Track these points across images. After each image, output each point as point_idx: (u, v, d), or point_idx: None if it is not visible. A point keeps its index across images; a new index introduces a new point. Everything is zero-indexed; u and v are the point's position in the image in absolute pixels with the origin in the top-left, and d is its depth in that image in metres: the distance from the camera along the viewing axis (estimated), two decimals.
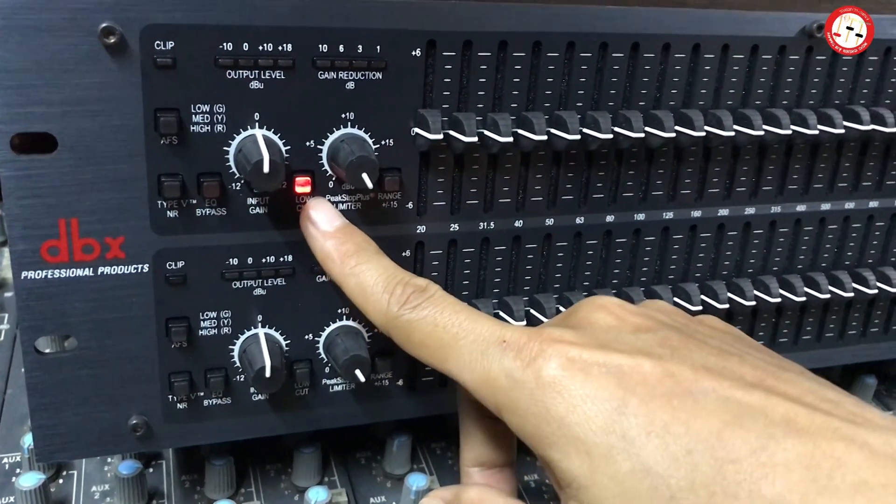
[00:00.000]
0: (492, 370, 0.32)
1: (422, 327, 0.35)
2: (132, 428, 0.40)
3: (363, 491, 0.49)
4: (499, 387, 0.31)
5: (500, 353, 0.32)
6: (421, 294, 0.35)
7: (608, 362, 0.30)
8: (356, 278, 0.37)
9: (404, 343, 0.36)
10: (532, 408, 0.30)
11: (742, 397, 0.28)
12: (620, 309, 0.34)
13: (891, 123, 0.47)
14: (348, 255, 0.38)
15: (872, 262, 0.53)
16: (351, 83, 0.38)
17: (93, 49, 0.34)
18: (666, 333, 0.32)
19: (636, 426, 0.28)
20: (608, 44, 0.41)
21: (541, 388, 0.30)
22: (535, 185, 0.43)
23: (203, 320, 0.40)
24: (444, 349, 0.34)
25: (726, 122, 0.43)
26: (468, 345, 0.33)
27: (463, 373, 0.33)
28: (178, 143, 0.36)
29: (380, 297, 0.36)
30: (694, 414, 0.28)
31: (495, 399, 0.32)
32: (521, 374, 0.31)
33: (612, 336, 0.32)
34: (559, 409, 0.29)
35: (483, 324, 0.34)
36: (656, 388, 0.29)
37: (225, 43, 0.36)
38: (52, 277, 0.37)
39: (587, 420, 0.29)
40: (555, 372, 0.30)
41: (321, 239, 0.38)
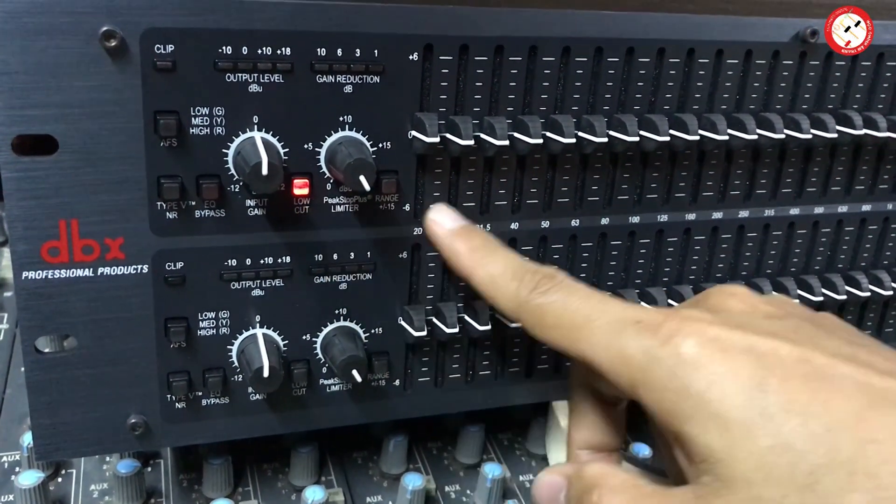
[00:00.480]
0: (628, 349, 0.32)
1: (553, 310, 0.35)
2: (131, 427, 0.41)
3: (360, 490, 0.49)
4: (635, 364, 0.32)
5: (636, 332, 0.32)
6: (550, 279, 0.36)
7: (746, 343, 0.30)
8: (485, 269, 0.39)
9: (536, 326, 0.36)
10: (670, 384, 0.30)
11: (878, 383, 0.28)
12: (751, 297, 0.35)
13: (883, 128, 0.47)
14: (475, 249, 0.40)
15: (865, 265, 0.54)
16: (349, 87, 0.38)
17: (94, 52, 0.34)
18: (797, 322, 0.33)
19: (776, 404, 0.28)
20: (603, 48, 0.42)
21: (680, 365, 0.30)
22: (531, 189, 0.44)
23: (202, 321, 0.40)
24: (577, 330, 0.34)
25: (720, 126, 0.44)
26: (602, 325, 0.33)
27: (597, 352, 0.33)
28: (178, 146, 0.37)
29: (509, 284, 0.37)
30: (832, 395, 0.28)
31: (630, 376, 0.32)
32: (659, 351, 0.31)
33: (747, 320, 0.32)
34: (699, 384, 0.29)
35: (616, 305, 0.34)
36: (794, 370, 0.29)
37: (224, 47, 0.36)
38: (52, 278, 0.37)
39: (727, 396, 0.29)
40: (694, 349, 0.30)
41: (448, 237, 0.41)
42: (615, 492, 0.32)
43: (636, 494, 0.32)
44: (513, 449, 0.54)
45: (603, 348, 0.33)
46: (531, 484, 0.48)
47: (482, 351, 0.46)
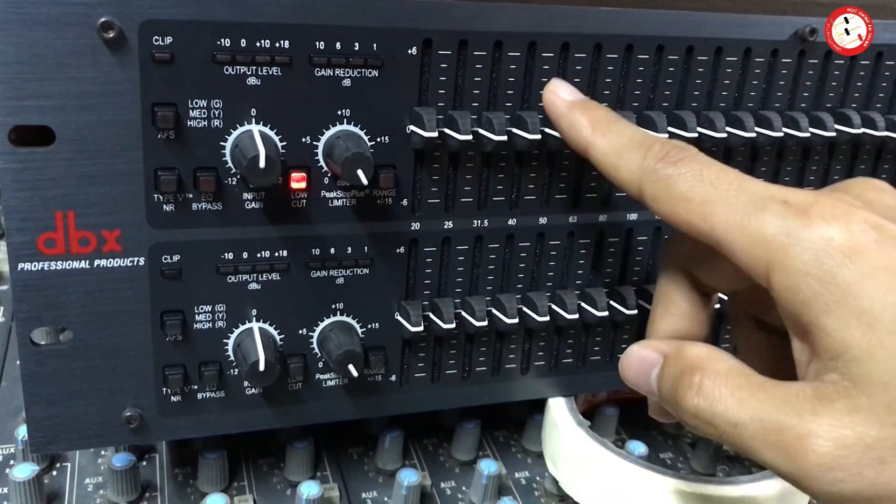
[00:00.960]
0: (768, 228, 0.29)
1: (684, 181, 0.32)
2: (126, 420, 0.41)
3: (355, 486, 0.49)
4: (775, 245, 0.29)
5: (781, 211, 0.29)
6: (682, 150, 0.34)
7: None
8: (607, 139, 0.36)
9: (660, 199, 0.33)
10: (815, 270, 0.28)
11: None
12: (893, 191, 0.32)
13: (881, 127, 0.47)
14: (598, 119, 0.37)
15: None
16: (347, 80, 0.38)
17: (92, 43, 0.34)
18: None
19: None
20: (602, 44, 0.42)
21: (829, 251, 0.28)
22: (528, 184, 0.44)
23: (198, 314, 0.40)
24: (710, 205, 0.31)
25: (719, 123, 0.44)
26: (742, 199, 0.31)
27: (730, 230, 0.31)
28: (175, 138, 0.37)
29: (635, 153, 0.35)
30: None
31: (768, 258, 0.29)
32: (807, 232, 0.28)
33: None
34: (848, 275, 0.27)
35: (758, 183, 0.31)
36: None
37: (223, 39, 0.36)
38: (48, 269, 0.37)
39: (878, 292, 0.27)
40: (846, 237, 0.28)
41: (568, 107, 0.38)
42: (721, 377, 0.30)
43: (745, 383, 0.30)
44: (508, 446, 0.54)
45: (738, 226, 0.30)
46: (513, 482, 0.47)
47: (479, 347, 0.46)
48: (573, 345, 0.49)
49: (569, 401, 0.50)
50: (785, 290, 0.29)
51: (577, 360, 0.49)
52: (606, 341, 0.49)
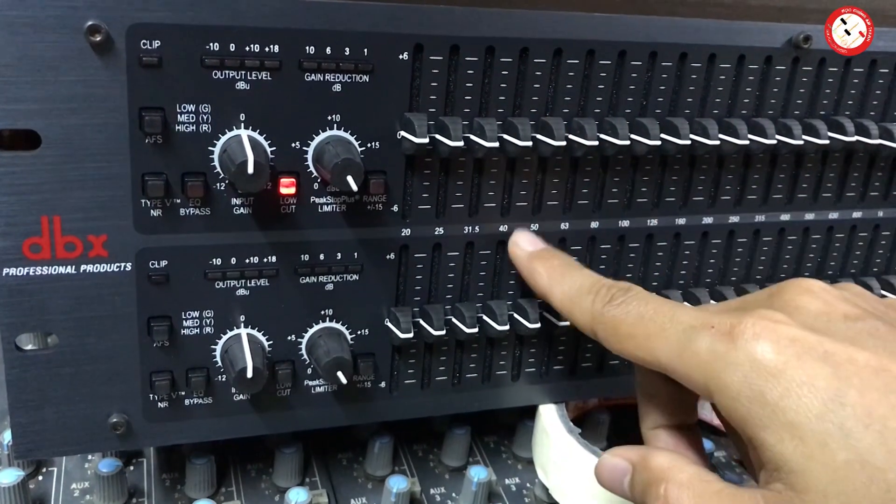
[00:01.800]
0: (701, 355, 0.32)
1: (627, 320, 0.36)
2: (112, 426, 0.40)
3: (344, 492, 0.49)
4: (709, 370, 0.31)
5: (710, 337, 0.32)
6: (625, 292, 0.37)
7: (823, 349, 0.29)
8: (562, 287, 0.40)
9: (611, 337, 0.37)
10: (745, 390, 0.30)
11: None
12: (827, 293, 0.34)
13: (875, 135, 0.47)
14: (554, 268, 0.41)
15: (854, 272, 0.53)
16: (338, 85, 0.38)
17: (79, 47, 0.34)
18: (874, 323, 0.32)
19: (853, 417, 0.28)
20: (595, 51, 0.42)
21: (755, 371, 0.30)
22: (520, 191, 0.43)
23: (185, 320, 0.40)
24: (651, 339, 0.34)
25: (712, 130, 0.43)
26: (676, 332, 0.33)
27: (671, 359, 0.33)
28: (163, 143, 0.36)
29: (585, 298, 0.38)
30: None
31: (705, 382, 0.32)
32: (734, 355, 0.31)
33: (823, 322, 0.32)
34: (774, 392, 0.29)
35: (689, 311, 0.34)
36: (872, 381, 0.28)
37: (211, 43, 0.36)
38: (33, 274, 0.37)
39: (803, 406, 0.28)
40: (770, 355, 0.30)
41: (528, 259, 0.42)
42: (683, 487, 0.32)
43: (704, 491, 0.32)
44: (499, 452, 0.54)
45: (677, 355, 0.33)
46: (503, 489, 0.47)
47: (469, 353, 0.46)
48: (564, 352, 0.48)
49: (559, 407, 0.49)
50: (724, 409, 0.31)
51: (567, 367, 0.49)
52: (597, 348, 0.49)
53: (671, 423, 0.38)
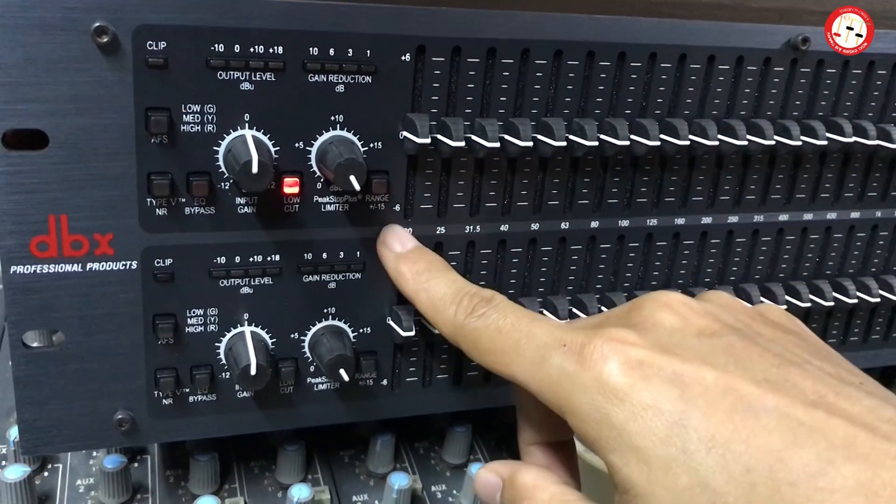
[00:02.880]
0: (552, 374, 0.32)
1: (487, 334, 0.35)
2: (117, 423, 0.41)
3: (346, 489, 0.50)
4: (560, 391, 0.31)
5: (561, 356, 0.31)
6: (486, 303, 0.36)
7: (671, 370, 0.29)
8: (426, 293, 0.39)
9: (472, 350, 0.36)
10: (593, 413, 0.30)
11: (803, 416, 0.27)
12: (686, 308, 0.33)
13: (873, 136, 0.48)
14: (419, 272, 0.40)
15: (853, 272, 0.54)
16: (341, 86, 0.39)
17: (85, 48, 0.34)
18: (729, 339, 0.32)
19: (696, 440, 0.28)
20: (595, 52, 0.42)
21: (602, 394, 0.30)
22: (521, 191, 0.44)
23: (190, 317, 0.40)
24: (508, 354, 0.34)
25: (711, 131, 0.44)
26: (530, 349, 0.33)
27: (526, 377, 0.33)
28: (169, 143, 0.37)
29: (448, 308, 0.37)
30: (755, 432, 0.27)
31: (558, 402, 0.32)
32: (582, 377, 0.30)
33: (676, 340, 0.31)
34: (619, 416, 0.29)
35: (543, 327, 0.34)
36: (718, 403, 0.28)
37: (216, 44, 0.36)
38: (40, 272, 0.37)
39: (648, 430, 0.28)
40: (616, 378, 0.30)
41: (394, 260, 0.41)
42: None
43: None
44: (500, 450, 0.54)
45: (531, 373, 0.33)
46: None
47: None
48: None
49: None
50: (577, 430, 0.31)
51: None
52: None
53: (546, 440, 0.38)
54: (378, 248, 0.42)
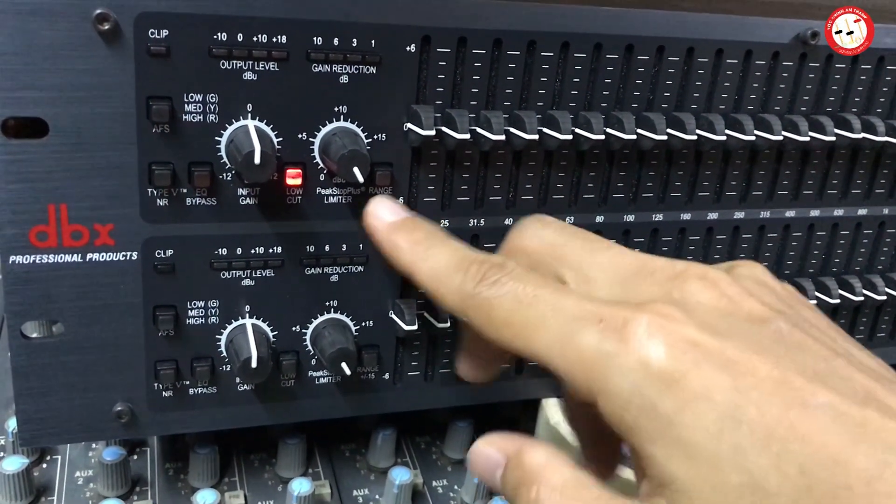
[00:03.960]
0: (587, 352, 0.28)
1: (503, 304, 0.31)
2: (117, 415, 0.41)
3: (347, 483, 0.49)
4: (595, 373, 0.28)
5: (597, 333, 0.28)
6: (500, 269, 0.32)
7: (724, 357, 0.27)
8: (427, 262, 0.35)
9: (485, 324, 0.32)
10: (635, 399, 0.27)
11: (857, 414, 0.26)
12: (733, 288, 0.30)
13: (881, 132, 0.47)
14: (417, 242, 0.36)
15: (859, 269, 0.53)
16: (345, 77, 0.38)
17: (87, 35, 0.34)
18: (777, 325, 0.29)
19: (750, 436, 0.25)
20: (602, 45, 0.41)
21: (647, 378, 0.27)
22: (526, 184, 0.43)
23: (191, 309, 0.40)
24: (530, 328, 0.30)
25: (718, 126, 0.43)
26: (558, 323, 0.29)
27: (552, 355, 0.29)
28: (170, 132, 0.36)
29: (454, 277, 0.33)
30: (812, 430, 0.25)
31: (589, 385, 0.28)
32: (624, 358, 0.27)
33: (727, 323, 0.28)
34: (667, 405, 0.26)
35: (572, 298, 0.30)
36: (772, 397, 0.26)
37: (219, 33, 0.36)
38: (40, 262, 0.37)
39: (697, 422, 0.26)
40: (665, 361, 0.27)
41: (387, 231, 0.37)
42: (557, 491, 0.29)
43: (581, 497, 0.28)
44: None
45: (557, 350, 0.29)
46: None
47: None
48: None
49: (562, 401, 0.49)
50: (610, 416, 0.28)
51: None
52: None
53: None
54: (366, 221, 0.38)
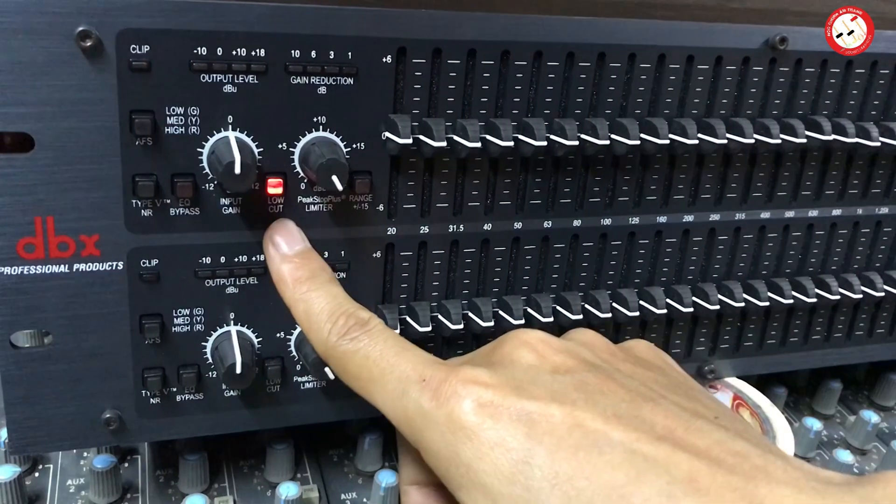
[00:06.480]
0: (409, 409, 0.32)
1: (356, 359, 0.35)
2: (105, 422, 0.41)
3: (335, 487, 0.50)
4: (416, 426, 0.32)
5: (418, 391, 0.32)
6: (361, 326, 0.36)
7: (520, 408, 0.30)
8: (304, 304, 0.38)
9: (340, 373, 0.36)
10: (443, 450, 0.30)
11: (648, 451, 0.28)
12: (544, 345, 0.34)
13: (852, 134, 0.48)
14: (301, 280, 0.38)
15: (835, 268, 0.54)
16: (323, 88, 0.39)
17: (70, 52, 0.35)
18: (583, 376, 0.32)
19: (541, 478, 0.28)
20: (575, 53, 0.43)
21: (452, 432, 0.30)
22: (503, 190, 0.44)
23: (176, 317, 0.41)
24: (372, 383, 0.34)
25: (690, 130, 0.45)
26: (392, 381, 0.33)
27: (387, 409, 0.33)
28: (153, 144, 0.37)
29: (322, 326, 0.36)
30: (598, 467, 0.28)
31: (413, 437, 0.32)
32: (435, 414, 0.31)
33: (530, 377, 0.32)
34: (468, 454, 0.30)
35: (409, 360, 0.34)
36: (564, 439, 0.29)
37: (199, 47, 0.37)
38: (27, 274, 0.38)
39: (494, 469, 0.29)
40: (466, 416, 0.30)
41: (278, 262, 0.39)
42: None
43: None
44: None
45: (391, 406, 0.33)
46: None
47: (455, 350, 0.47)
48: None
49: None
50: (431, 465, 0.31)
51: None
52: None
53: (424, 481, 0.38)
54: (265, 243, 0.40)
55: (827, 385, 0.61)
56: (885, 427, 0.60)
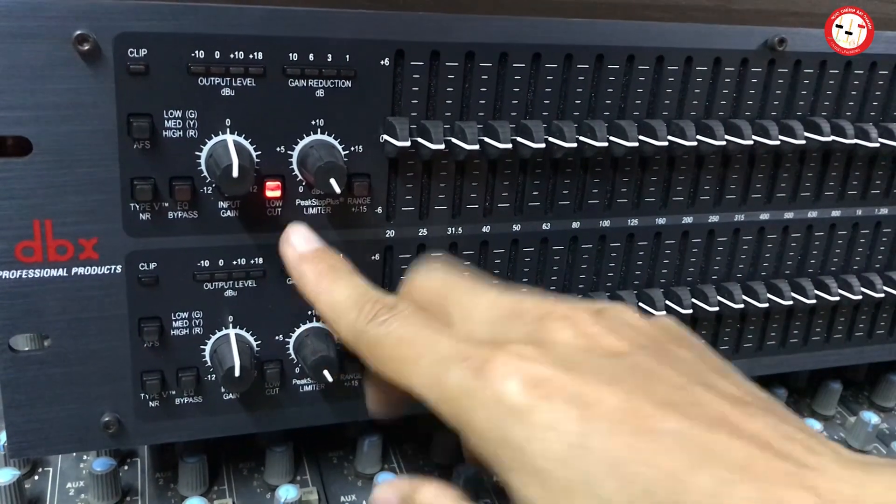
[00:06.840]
0: (452, 389, 0.31)
1: (387, 342, 0.34)
2: (104, 425, 0.41)
3: (334, 489, 0.50)
4: (459, 407, 0.31)
5: (461, 371, 0.31)
6: (389, 310, 0.35)
7: (573, 390, 0.29)
8: (328, 296, 0.37)
9: (371, 359, 0.35)
10: (492, 431, 0.29)
11: (704, 437, 0.28)
12: (593, 326, 0.33)
13: (851, 135, 0.48)
14: (322, 274, 0.38)
15: (835, 269, 0.54)
16: (321, 91, 0.39)
17: (67, 56, 0.35)
18: (635, 359, 0.31)
19: (597, 463, 0.27)
20: (573, 55, 0.43)
21: (501, 413, 0.29)
22: (502, 192, 0.44)
23: (175, 320, 0.41)
24: (408, 365, 0.33)
25: (689, 132, 0.45)
26: (430, 361, 0.32)
27: (424, 390, 0.32)
28: (151, 148, 0.37)
29: (349, 313, 0.36)
30: (655, 454, 0.27)
31: (456, 419, 0.31)
32: (482, 393, 0.30)
33: (581, 358, 0.31)
34: (519, 436, 0.29)
35: (447, 339, 0.33)
36: (620, 425, 0.28)
37: (197, 51, 0.37)
38: (26, 277, 0.38)
39: (547, 451, 0.28)
40: (516, 397, 0.29)
41: (297, 261, 0.39)
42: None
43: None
44: None
45: (429, 387, 0.32)
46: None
47: None
48: None
49: None
50: (476, 448, 0.30)
51: None
52: None
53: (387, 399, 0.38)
54: (280, 247, 0.40)
55: (827, 386, 0.61)
56: (885, 428, 0.60)
